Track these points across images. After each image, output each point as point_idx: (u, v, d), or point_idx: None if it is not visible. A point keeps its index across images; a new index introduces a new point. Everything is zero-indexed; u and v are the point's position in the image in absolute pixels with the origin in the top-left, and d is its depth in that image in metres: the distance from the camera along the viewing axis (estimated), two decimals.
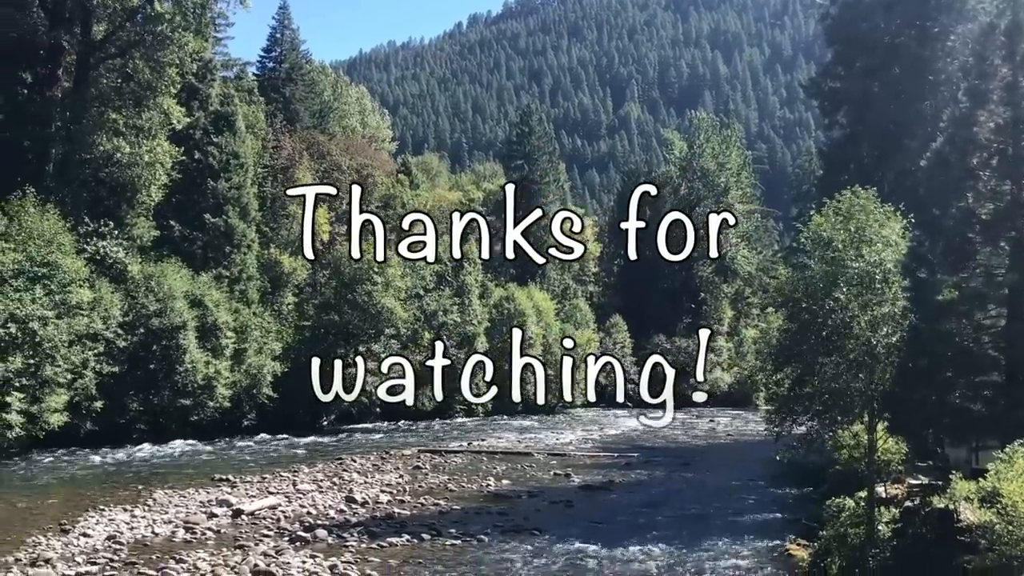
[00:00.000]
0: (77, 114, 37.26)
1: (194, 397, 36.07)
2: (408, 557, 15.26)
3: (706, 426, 53.00)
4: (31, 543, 15.47)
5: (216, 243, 41.64)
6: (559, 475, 27.28)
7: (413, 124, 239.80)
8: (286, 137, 53.36)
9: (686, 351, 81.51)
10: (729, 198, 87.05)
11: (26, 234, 30.77)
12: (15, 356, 28.20)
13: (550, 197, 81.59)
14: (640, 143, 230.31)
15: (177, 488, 22.29)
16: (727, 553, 16.09)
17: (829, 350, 15.91)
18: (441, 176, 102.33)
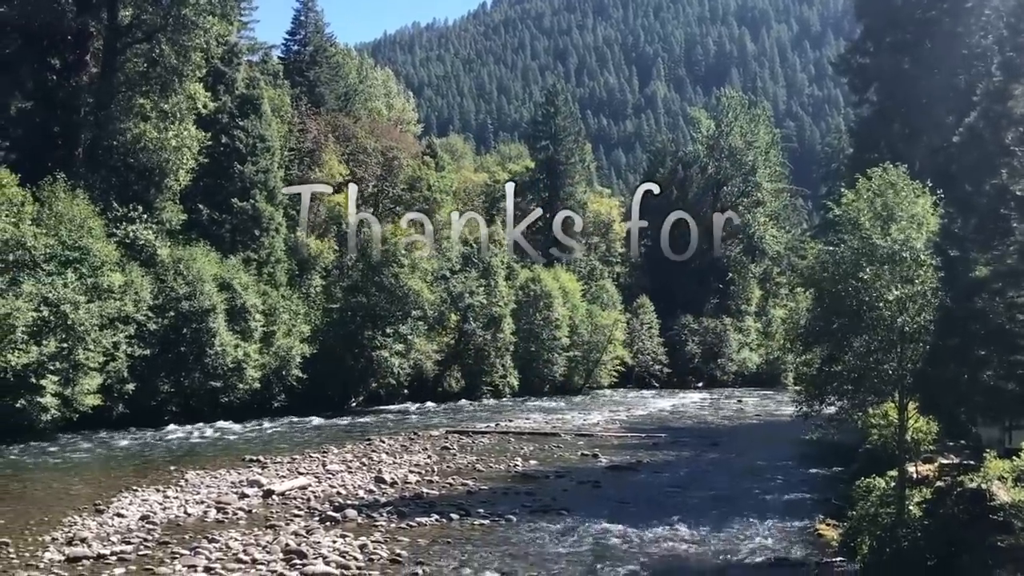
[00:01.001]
0: (105, 99, 37.56)
1: (224, 379, 36.44)
2: (437, 537, 15.36)
3: (734, 406, 52.80)
4: (67, 523, 15.74)
5: (244, 227, 41.91)
6: (586, 455, 27.32)
7: (438, 106, 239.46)
8: (312, 120, 53.49)
9: (714, 332, 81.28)
10: (757, 177, 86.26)
11: (57, 219, 31.15)
12: (49, 340, 28.63)
13: (576, 178, 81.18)
14: (666, 122, 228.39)
15: (208, 469, 22.57)
16: (755, 533, 16.05)
17: (858, 329, 15.77)
18: (466, 158, 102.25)
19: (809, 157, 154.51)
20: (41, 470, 22.75)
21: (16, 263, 29.08)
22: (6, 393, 27.60)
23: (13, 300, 27.81)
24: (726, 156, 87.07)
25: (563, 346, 62.64)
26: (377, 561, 13.58)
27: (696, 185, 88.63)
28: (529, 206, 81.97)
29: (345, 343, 44.73)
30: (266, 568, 12.89)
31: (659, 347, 77.57)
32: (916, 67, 32.83)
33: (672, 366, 78.54)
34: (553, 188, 79.64)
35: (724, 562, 14.06)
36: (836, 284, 16.03)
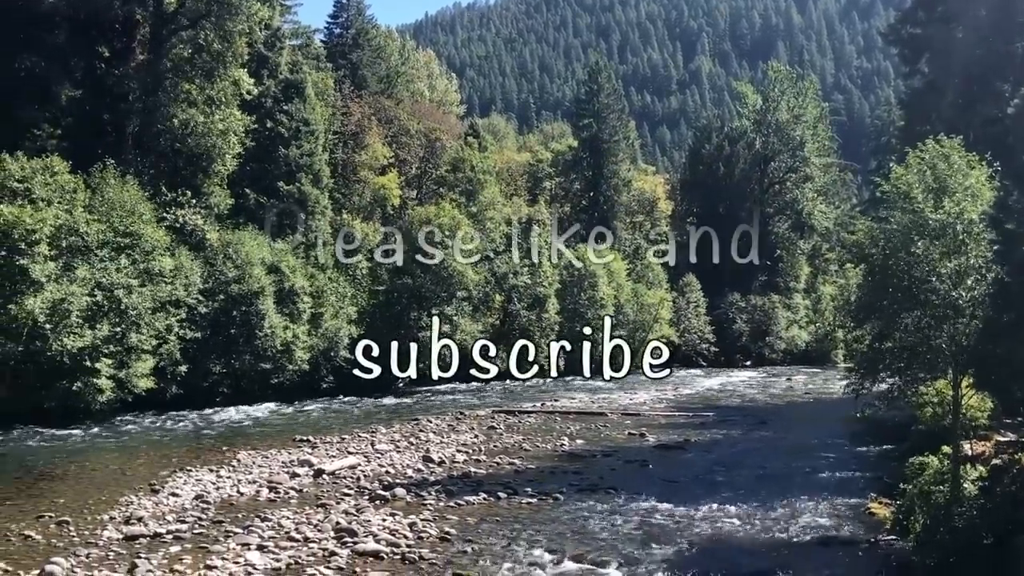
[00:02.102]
0: (152, 86, 38.08)
1: (274, 361, 36.95)
2: (485, 515, 15.44)
3: (783, 385, 52.29)
4: (124, 502, 16.10)
5: (290, 210, 42.32)
6: (633, 435, 27.25)
7: (480, 86, 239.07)
8: (355, 103, 53.75)
9: (762, 309, 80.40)
10: (805, 152, 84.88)
11: (109, 205, 31.73)
12: (103, 324, 29.25)
13: (619, 156, 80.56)
14: (712, 98, 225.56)
15: (260, 449, 22.93)
16: (806, 511, 15.89)
17: (910, 305, 15.46)
18: (509, 138, 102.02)
19: (858, 131, 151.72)
20: (98, 451, 23.29)
21: (70, 249, 29.71)
22: (63, 376, 28.30)
23: (68, 285, 28.44)
24: (773, 131, 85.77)
25: None
26: (426, 539, 13.71)
27: (743, 161, 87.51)
28: (572, 185, 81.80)
29: (391, 324, 45.05)
30: (318, 546, 13.07)
31: (706, 326, 76.99)
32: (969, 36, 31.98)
33: (719, 345, 77.93)
34: (597, 167, 79.16)
35: (774, 540, 13.95)
36: (887, 259, 15.72)
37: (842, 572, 12.09)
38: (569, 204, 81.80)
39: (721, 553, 13.16)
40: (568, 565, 12.34)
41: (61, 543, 13.24)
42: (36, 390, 28.31)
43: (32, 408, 27.99)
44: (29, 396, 28.23)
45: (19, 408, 27.84)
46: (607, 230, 74.69)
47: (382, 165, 52.48)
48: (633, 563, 12.42)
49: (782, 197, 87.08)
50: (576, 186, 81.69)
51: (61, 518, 14.67)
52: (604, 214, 78.40)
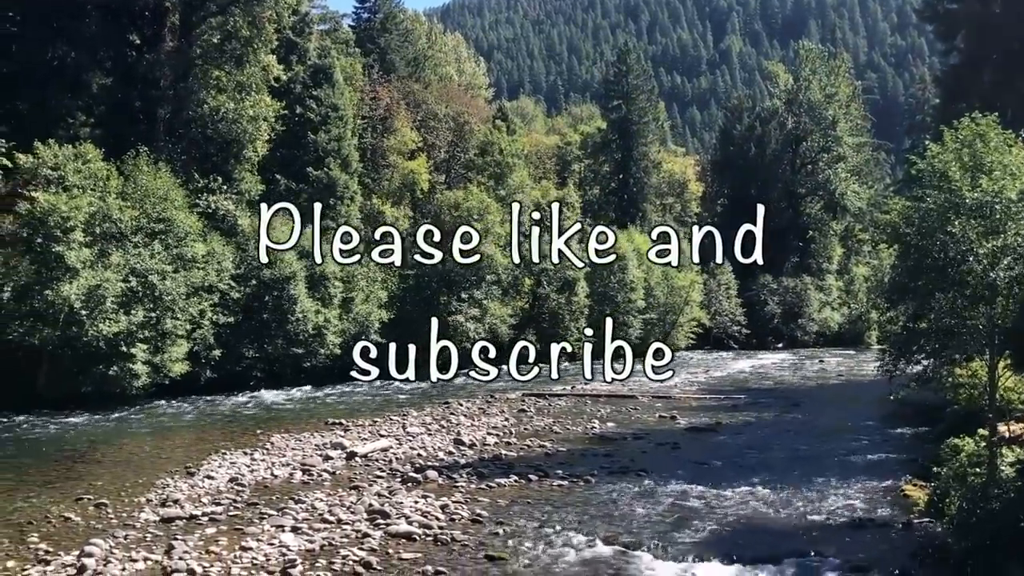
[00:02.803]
0: (182, 73, 38.35)
1: (306, 345, 37.25)
2: (516, 497, 15.49)
3: (815, 367, 51.92)
4: (160, 485, 16.34)
5: (319, 195, 42.50)
6: (664, 417, 27.19)
7: (508, 68, 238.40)
8: (383, 88, 53.77)
9: (794, 291, 79.75)
10: (837, 131, 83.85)
11: (141, 192, 32.05)
12: (137, 309, 29.63)
13: (649, 137, 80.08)
14: (742, 77, 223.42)
15: (293, 432, 23.17)
16: (839, 493, 15.77)
17: (945, 285, 15.23)
18: (537, 120, 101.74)
19: (892, 109, 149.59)
20: (134, 435, 23.65)
21: (104, 235, 30.09)
22: (99, 361, 28.73)
23: (103, 271, 28.83)
24: (805, 111, 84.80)
25: (639, 308, 62.26)
26: (458, 521, 13.78)
27: (774, 141, 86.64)
28: (601, 167, 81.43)
29: (421, 308, 45.21)
30: (351, 528, 13.19)
31: (737, 308, 76.57)
32: (1008, 11, 31.38)
33: (751, 327, 77.49)
34: (626, 148, 78.73)
35: (806, 522, 13.87)
36: (922, 239, 15.49)
37: (876, 554, 11.99)
38: (598, 187, 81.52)
39: (753, 535, 13.11)
40: (600, 547, 12.35)
41: (99, 525, 13.47)
42: (73, 375, 28.79)
43: (69, 393, 28.49)
44: (66, 381, 28.73)
45: (57, 393, 28.37)
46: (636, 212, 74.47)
47: (411, 150, 52.52)
48: (665, 545, 12.41)
49: (814, 177, 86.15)
50: (605, 168, 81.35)
51: (99, 500, 14.92)
52: (634, 196, 78.11)
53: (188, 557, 11.59)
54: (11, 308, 27.99)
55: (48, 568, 11.15)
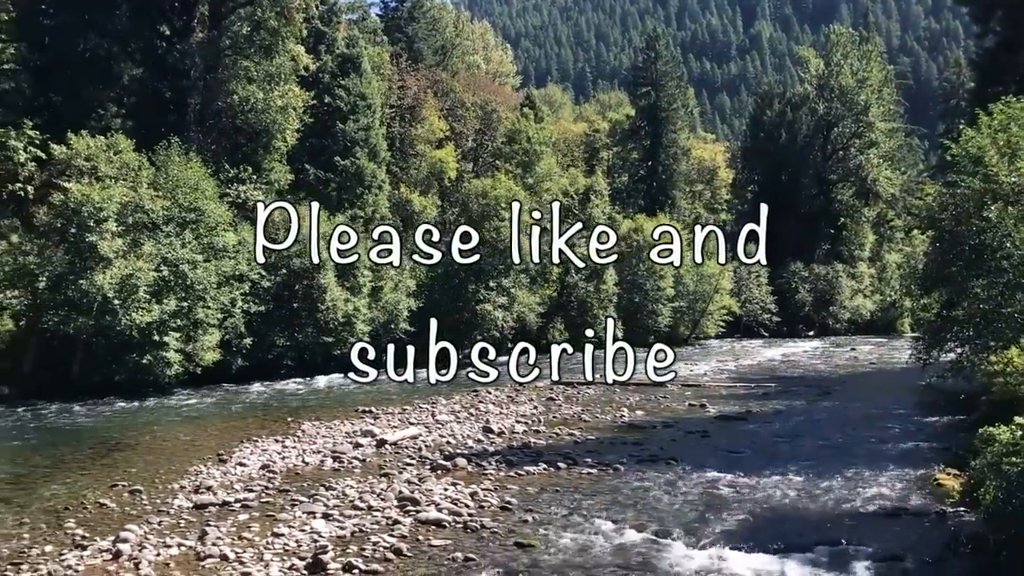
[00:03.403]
0: (212, 64, 38.65)
1: (335, 334, 37.47)
2: (546, 485, 15.49)
3: (847, 355, 51.45)
4: (193, 472, 16.52)
5: (348, 184, 42.73)
6: (694, 406, 27.07)
7: (536, 56, 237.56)
8: (411, 76, 53.84)
9: (825, 279, 79.03)
10: (870, 116, 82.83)
11: (172, 182, 32.35)
12: (169, 298, 29.94)
13: (678, 124, 79.55)
14: (772, 63, 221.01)
15: (324, 420, 23.33)
16: (871, 482, 15.61)
17: (981, 272, 15.03)
18: (565, 108, 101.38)
19: (926, 94, 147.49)
20: (167, 422, 23.94)
21: (136, 225, 30.40)
22: (132, 350, 29.10)
23: (135, 261, 29.15)
24: (836, 96, 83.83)
25: (668, 296, 62.03)
26: (488, 508, 13.80)
27: (805, 127, 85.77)
28: (630, 155, 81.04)
29: (450, 297, 45.33)
30: (381, 515, 13.25)
31: (768, 296, 76.05)
32: None
33: (782, 315, 76.97)
34: (655, 136, 78.29)
35: (838, 511, 13.74)
36: (956, 225, 15.29)
37: (909, 544, 11.86)
38: (627, 174, 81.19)
39: (784, 524, 13.02)
40: (629, 535, 12.32)
41: (134, 511, 13.65)
42: (107, 363, 29.20)
43: (103, 381, 28.91)
44: (100, 369, 29.15)
45: (91, 381, 28.80)
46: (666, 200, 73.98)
47: (438, 138, 52.58)
48: (695, 533, 12.36)
49: (846, 164, 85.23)
50: (634, 156, 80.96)
51: (133, 487, 15.12)
52: (663, 184, 77.71)
53: (221, 543, 11.72)
54: (46, 297, 28.41)
55: (85, 553, 11.32)
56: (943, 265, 16.44)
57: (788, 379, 36.40)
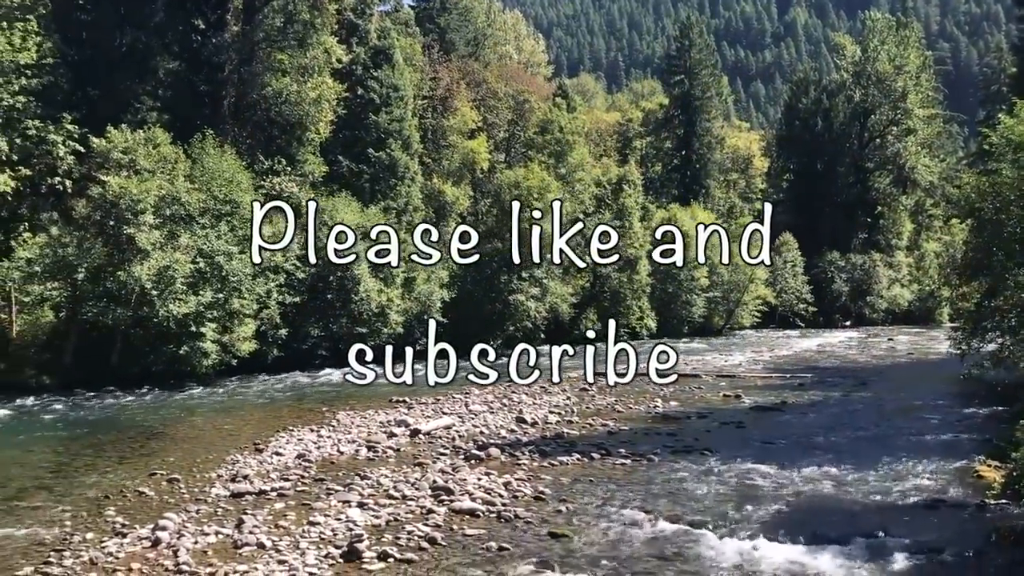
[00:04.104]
0: (246, 56, 38.95)
1: (369, 324, 37.69)
2: (579, 475, 15.47)
3: (884, 345, 50.85)
4: (230, 461, 16.71)
5: (381, 176, 42.88)
6: (729, 396, 26.89)
7: (568, 45, 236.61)
8: (443, 67, 53.84)
9: (862, 268, 78.09)
10: (907, 103, 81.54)
11: (208, 175, 32.68)
12: (206, 289, 30.27)
13: (712, 113, 78.88)
14: (808, 50, 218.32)
15: (358, 410, 23.49)
16: (909, 473, 15.42)
17: (1022, 261, 14.75)
18: (598, 97, 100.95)
19: (965, 80, 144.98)
20: (204, 412, 24.24)
21: (173, 217, 30.76)
22: (170, 341, 29.50)
23: (172, 253, 29.50)
24: (873, 83, 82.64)
25: (702, 287, 61.65)
26: (521, 498, 13.82)
27: (842, 114, 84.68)
28: (664, 144, 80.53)
29: (482, 288, 45.39)
30: (416, 504, 13.32)
31: (804, 286, 75.37)
32: None
33: (818, 305, 76.25)
34: (689, 124, 77.71)
35: (876, 503, 13.59)
36: (997, 213, 15.02)
37: (949, 536, 11.69)
38: (660, 163, 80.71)
39: (821, 515, 12.89)
40: (663, 525, 12.27)
41: (172, 499, 13.84)
42: (145, 354, 29.63)
43: (142, 371, 29.34)
44: (139, 359, 29.60)
45: (129, 371, 29.25)
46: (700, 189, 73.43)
47: (471, 129, 52.58)
48: (730, 524, 12.28)
49: (883, 151, 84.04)
50: (667, 145, 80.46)
51: (172, 476, 15.32)
52: (696, 173, 77.18)
53: (258, 531, 11.84)
54: (85, 289, 28.86)
55: (125, 540, 11.49)
56: (983, 254, 16.16)
57: (824, 369, 36.05)
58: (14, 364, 28.48)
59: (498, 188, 49.00)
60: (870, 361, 40.82)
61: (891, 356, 43.78)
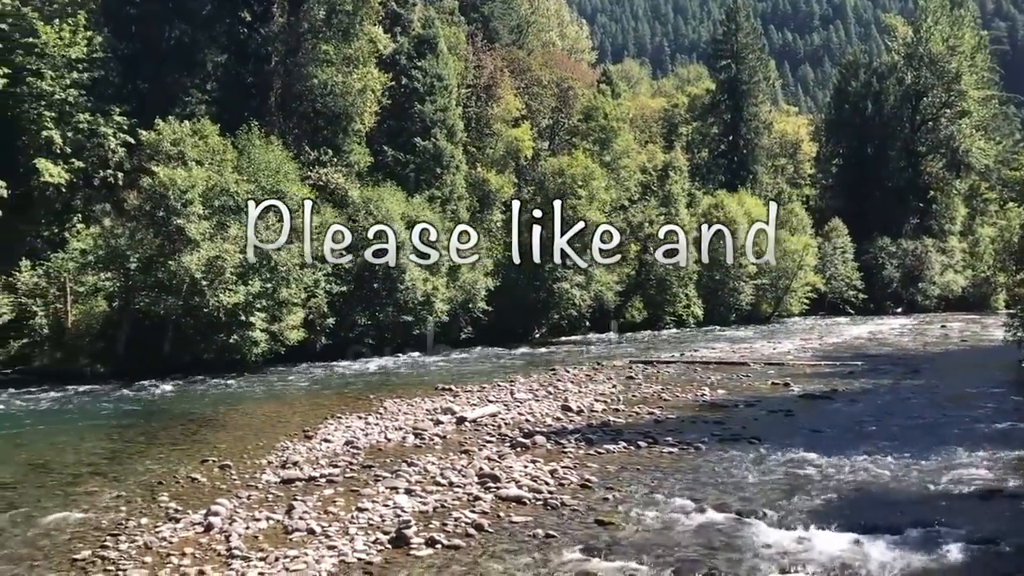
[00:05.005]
0: (292, 48, 39.26)
1: (415, 313, 37.91)
2: (625, 463, 15.41)
3: (937, 332, 49.91)
4: (280, 448, 16.92)
5: (426, 165, 43.00)
6: (777, 384, 26.59)
7: (612, 31, 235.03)
8: (487, 56, 53.76)
9: (914, 254, 76.63)
10: (962, 85, 79.61)
11: (255, 165, 33.03)
12: (254, 279, 30.66)
13: (759, 97, 77.83)
14: (858, 32, 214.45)
15: (404, 397, 23.65)
16: (964, 463, 15.10)
17: None
18: (642, 83, 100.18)
19: (1022, 60, 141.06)
20: (254, 399, 24.59)
21: (221, 208, 31.16)
22: (220, 330, 29.96)
23: (221, 243, 29.90)
24: (926, 64, 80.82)
25: (749, 274, 61.03)
26: (568, 486, 13.80)
27: (893, 97, 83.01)
28: (710, 130, 79.69)
29: (527, 276, 45.39)
30: (462, 491, 13.37)
31: (854, 272, 74.25)
32: None
33: (868, 291, 75.08)
34: (736, 109, 76.78)
35: (929, 492, 13.33)
36: None
37: (1005, 526, 11.43)
38: (707, 149, 79.92)
39: (872, 505, 12.69)
40: (711, 514, 12.17)
41: (224, 485, 14.05)
42: (196, 343, 30.13)
43: (193, 360, 29.84)
44: (190, 348, 30.10)
45: (181, 360, 29.77)
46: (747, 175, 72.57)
47: (515, 117, 52.47)
48: (779, 513, 12.13)
49: (936, 135, 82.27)
50: (714, 131, 79.59)
51: (223, 462, 15.56)
52: (744, 158, 76.32)
53: (308, 517, 11.98)
54: (138, 279, 29.41)
55: (178, 525, 11.70)
56: None
57: (875, 357, 35.47)
58: (69, 353, 29.14)
59: (542, 176, 48.87)
60: (922, 348, 40.08)
61: (944, 343, 42.94)
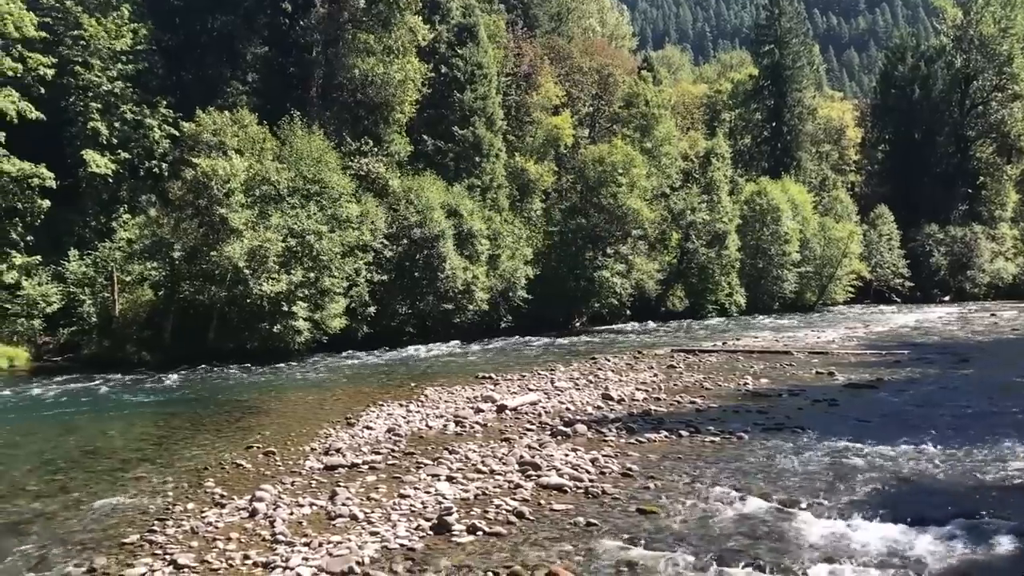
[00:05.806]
0: (332, 38, 39.46)
1: (455, 301, 38.06)
2: (667, 453, 15.32)
3: (986, 321, 48.90)
4: (323, 435, 17.09)
5: (466, 154, 43.05)
6: (821, 373, 26.24)
7: (653, 17, 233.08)
8: (527, 44, 53.60)
9: (962, 241, 75.15)
10: (1014, 67, 77.69)
11: (297, 155, 33.32)
12: (297, 268, 30.96)
13: (803, 83, 76.67)
14: (905, 15, 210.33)
15: (445, 386, 23.74)
16: (1013, 454, 14.78)
17: None
18: (684, 70, 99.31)
19: None
20: (298, 387, 24.85)
21: (263, 197, 31.49)
22: (264, 318, 30.31)
23: (264, 232, 30.23)
24: (976, 47, 79.02)
25: (793, 261, 60.32)
26: (608, 474, 13.76)
27: (941, 81, 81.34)
28: (753, 116, 78.74)
29: (567, 264, 45.29)
30: (503, 478, 13.39)
31: (900, 260, 73.07)
32: None
33: (915, 279, 73.84)
34: (779, 95, 75.77)
35: (978, 483, 13.07)
36: None
37: None
38: (750, 136, 79.01)
39: (919, 495, 12.48)
40: (754, 503, 12.05)
41: (268, 472, 14.22)
42: (240, 331, 30.53)
43: (237, 348, 30.24)
44: (234, 337, 30.50)
45: (225, 348, 30.18)
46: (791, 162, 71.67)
47: (555, 105, 52.30)
48: (823, 503, 11.98)
49: (986, 119, 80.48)
50: (757, 117, 78.62)
51: (267, 449, 15.75)
52: (787, 145, 75.33)
53: (350, 503, 12.08)
54: (182, 268, 29.85)
55: (223, 511, 11.87)
56: None
57: (922, 346, 34.86)
58: (117, 341, 29.70)
59: (582, 164, 48.68)
60: (971, 337, 39.31)
61: (994, 332, 42.08)
